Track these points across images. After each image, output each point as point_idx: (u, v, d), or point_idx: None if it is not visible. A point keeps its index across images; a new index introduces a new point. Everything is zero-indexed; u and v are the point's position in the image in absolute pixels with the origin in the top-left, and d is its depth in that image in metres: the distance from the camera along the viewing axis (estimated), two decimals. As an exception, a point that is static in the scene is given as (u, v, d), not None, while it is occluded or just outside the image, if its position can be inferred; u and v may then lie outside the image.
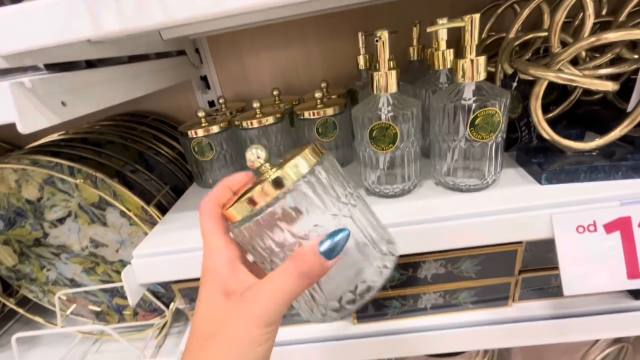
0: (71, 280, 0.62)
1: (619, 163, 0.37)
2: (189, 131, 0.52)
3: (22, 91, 0.30)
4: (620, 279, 0.35)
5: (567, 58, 0.37)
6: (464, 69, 0.36)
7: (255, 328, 0.20)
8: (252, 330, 0.20)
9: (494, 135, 0.37)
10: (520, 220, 0.37)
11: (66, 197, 0.52)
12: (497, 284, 0.44)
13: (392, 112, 0.37)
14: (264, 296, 0.20)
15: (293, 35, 0.69)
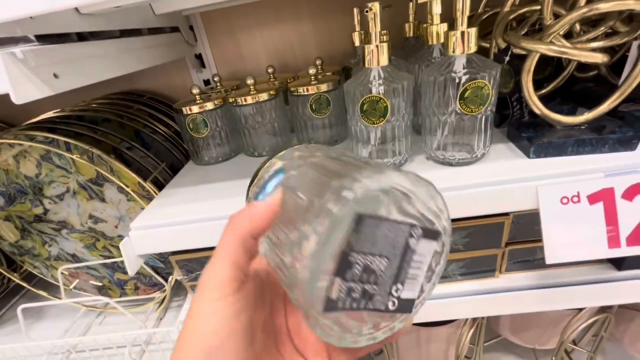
0: (73, 255, 0.63)
1: (606, 136, 0.38)
2: (184, 108, 0.53)
3: (14, 61, 0.30)
4: (601, 248, 0.36)
5: (559, 30, 0.37)
6: (455, 41, 0.36)
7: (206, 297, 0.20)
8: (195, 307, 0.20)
9: (483, 108, 0.37)
10: (507, 192, 0.38)
11: (64, 173, 0.52)
12: (485, 256, 0.46)
13: (382, 85, 0.38)
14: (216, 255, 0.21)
15: (287, 12, 0.68)
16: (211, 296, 0.18)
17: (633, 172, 0.35)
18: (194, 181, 0.53)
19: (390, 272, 0.19)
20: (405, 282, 0.20)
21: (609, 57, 0.36)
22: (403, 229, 0.19)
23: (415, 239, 0.20)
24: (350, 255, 0.18)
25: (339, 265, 0.18)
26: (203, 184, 0.51)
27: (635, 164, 0.36)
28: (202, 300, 0.19)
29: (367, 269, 0.19)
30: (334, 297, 0.18)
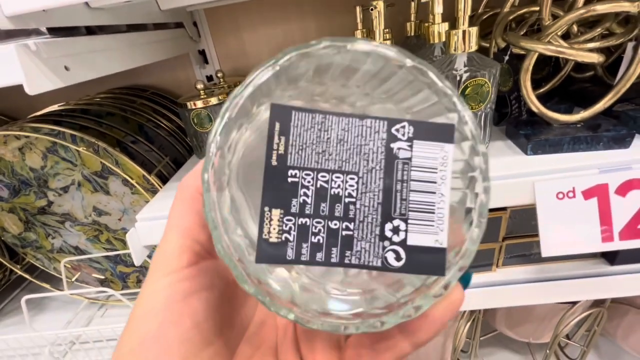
0: (76, 248, 0.64)
1: (601, 134, 0.39)
2: (188, 102, 0.53)
3: (27, 53, 0.31)
4: (594, 242, 0.38)
5: (557, 30, 0.38)
6: (457, 39, 0.37)
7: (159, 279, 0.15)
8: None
9: (483, 105, 0.38)
10: (505, 187, 0.39)
11: (69, 165, 0.53)
12: (483, 250, 0.47)
13: None
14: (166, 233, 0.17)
15: (291, 10, 0.69)
16: (157, 273, 0.14)
17: (626, 169, 0.37)
18: (197, 175, 0.53)
19: (374, 200, 0.12)
20: (409, 216, 0.12)
21: (604, 58, 0.38)
22: (374, 126, 0.12)
23: (404, 141, 0.12)
24: (287, 172, 0.12)
25: (269, 188, 0.12)
26: (207, 177, 0.52)
27: (629, 161, 0.37)
28: (148, 280, 0.15)
29: (325, 195, 0.12)
30: (274, 239, 0.12)
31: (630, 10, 0.35)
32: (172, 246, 0.15)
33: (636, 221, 0.37)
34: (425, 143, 0.12)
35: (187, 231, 0.15)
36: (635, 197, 0.37)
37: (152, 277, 0.14)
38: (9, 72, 0.30)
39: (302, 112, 0.12)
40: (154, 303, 0.14)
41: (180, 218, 0.15)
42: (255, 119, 0.12)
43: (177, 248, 0.15)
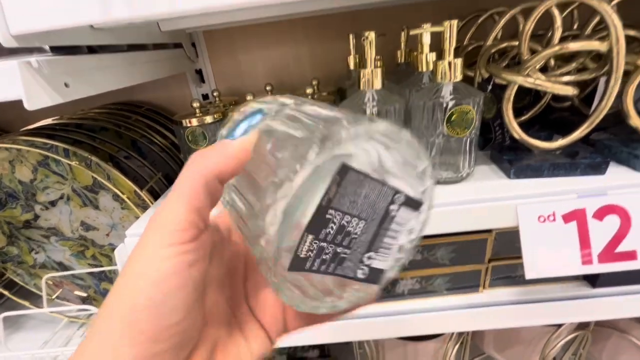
0: (59, 263, 0.62)
1: (578, 161, 0.42)
2: (184, 120, 0.54)
3: (29, 70, 0.31)
4: (575, 265, 0.39)
5: (535, 64, 0.41)
6: (443, 70, 0.40)
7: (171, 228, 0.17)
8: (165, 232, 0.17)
9: (468, 131, 0.40)
10: (490, 210, 0.40)
11: (60, 179, 0.53)
12: (469, 271, 0.48)
13: (376, 106, 0.41)
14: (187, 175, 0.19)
15: (286, 34, 0.72)
16: (164, 241, 0.16)
17: (602, 195, 0.39)
18: (190, 191, 0.54)
19: (366, 237, 0.18)
20: (379, 250, 0.19)
21: (578, 91, 0.40)
22: (387, 192, 0.18)
23: (397, 205, 0.18)
24: (328, 210, 0.16)
25: (314, 220, 0.16)
26: (199, 194, 0.52)
27: (604, 187, 0.39)
28: (153, 244, 0.16)
29: (342, 230, 0.17)
30: (303, 255, 0.17)
31: (600, 49, 0.38)
32: (179, 218, 0.16)
33: (613, 245, 0.39)
34: (406, 209, 0.19)
35: (197, 209, 0.16)
36: (611, 222, 0.39)
37: (159, 241, 0.16)
38: (10, 88, 0.30)
39: (355, 172, 0.16)
40: (163, 268, 0.15)
41: (193, 193, 0.16)
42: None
43: (184, 222, 0.16)
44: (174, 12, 0.29)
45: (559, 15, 0.45)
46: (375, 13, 0.70)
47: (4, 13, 0.29)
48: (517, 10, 0.49)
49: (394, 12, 0.70)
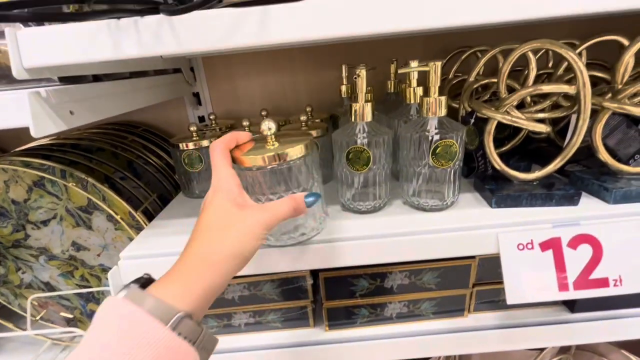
0: (46, 284, 0.62)
1: (553, 192, 0.45)
2: (181, 143, 0.56)
3: (38, 100, 0.33)
4: (552, 291, 0.41)
5: (512, 103, 0.44)
6: (429, 105, 0.43)
7: (260, 228, 0.29)
8: (258, 229, 0.29)
9: (452, 162, 0.43)
10: (473, 237, 0.43)
11: (54, 199, 0.53)
12: (455, 296, 0.49)
13: (366, 138, 0.43)
14: (272, 210, 0.31)
15: (282, 62, 0.75)
16: (227, 196, 0.30)
17: (575, 225, 0.41)
18: (184, 213, 0.55)
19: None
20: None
21: (551, 128, 0.44)
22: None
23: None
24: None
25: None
26: (193, 216, 0.53)
27: (577, 217, 0.42)
28: (216, 196, 0.31)
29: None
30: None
31: (569, 91, 0.42)
32: (233, 181, 0.31)
33: (587, 272, 0.41)
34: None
35: (230, 168, 0.32)
36: (585, 251, 0.41)
37: (221, 197, 0.30)
38: (18, 116, 0.32)
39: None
40: (226, 206, 0.30)
41: (226, 158, 0.33)
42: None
43: (235, 185, 0.31)
44: (181, 51, 0.32)
45: (534, 57, 0.49)
46: (367, 45, 0.75)
47: (18, 48, 0.31)
48: (497, 50, 0.53)
49: (384, 45, 0.75)
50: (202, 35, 0.31)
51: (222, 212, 0.29)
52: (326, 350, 0.49)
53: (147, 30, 0.31)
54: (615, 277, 0.41)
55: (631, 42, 0.42)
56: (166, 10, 0.29)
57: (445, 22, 0.29)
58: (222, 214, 0.29)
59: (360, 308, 0.50)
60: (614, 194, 0.43)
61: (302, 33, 0.30)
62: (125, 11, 0.30)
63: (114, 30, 0.31)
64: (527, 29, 0.71)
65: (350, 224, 0.45)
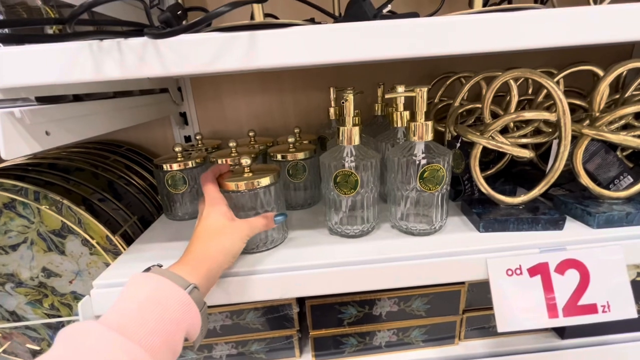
0: (12, 313, 0.57)
1: (539, 217, 0.45)
2: (164, 164, 0.55)
3: (11, 120, 0.31)
4: (542, 318, 0.41)
5: (496, 128, 0.45)
6: (416, 130, 0.43)
7: (244, 234, 0.39)
8: (243, 235, 0.39)
9: (439, 187, 0.43)
10: (462, 263, 0.42)
11: (25, 222, 0.50)
12: (445, 322, 0.48)
13: (354, 161, 0.43)
14: (252, 223, 0.41)
15: (271, 84, 0.76)
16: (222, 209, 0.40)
17: (561, 250, 0.42)
18: (165, 237, 0.52)
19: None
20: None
21: (534, 153, 0.45)
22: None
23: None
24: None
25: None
26: (174, 240, 0.51)
27: (563, 242, 0.42)
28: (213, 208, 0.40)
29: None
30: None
31: (549, 118, 0.43)
32: (223, 202, 0.41)
33: (576, 298, 0.41)
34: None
35: (219, 192, 0.42)
36: (572, 276, 0.41)
37: (215, 210, 0.39)
38: (-13, 138, 0.30)
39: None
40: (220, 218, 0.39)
41: (215, 184, 0.43)
42: None
43: (225, 204, 0.41)
44: (166, 74, 0.31)
45: (515, 85, 0.51)
46: (355, 68, 0.76)
47: (-7, 67, 0.30)
48: (480, 77, 0.55)
49: (372, 68, 0.76)
50: (189, 59, 0.30)
51: (217, 222, 0.39)
52: (313, 384, 0.47)
53: (131, 52, 0.30)
54: (604, 303, 0.41)
55: (606, 73, 0.44)
56: (151, 34, 0.28)
57: (413, 51, 0.30)
58: (217, 224, 0.39)
59: (348, 337, 0.48)
60: (597, 218, 0.44)
61: (289, 58, 0.30)
62: (109, 33, 0.30)
63: (95, 51, 0.30)
64: (509, 56, 0.74)
65: (337, 248, 0.44)
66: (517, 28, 0.30)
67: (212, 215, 0.39)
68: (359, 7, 0.33)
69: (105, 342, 0.24)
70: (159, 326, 0.27)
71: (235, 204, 0.44)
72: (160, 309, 0.28)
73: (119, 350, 0.24)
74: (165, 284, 0.30)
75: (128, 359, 0.24)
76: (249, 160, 0.44)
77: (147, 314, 0.27)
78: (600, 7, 0.32)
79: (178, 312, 0.29)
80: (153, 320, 0.27)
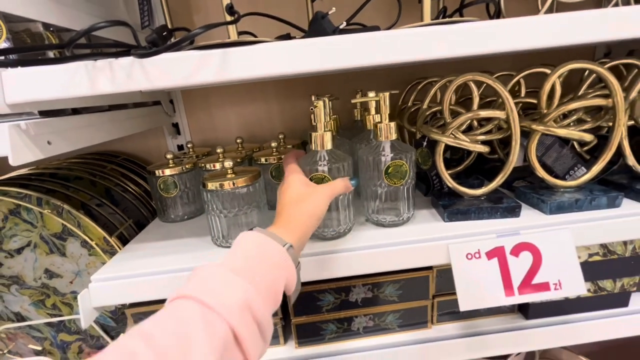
0: (16, 314, 0.61)
1: (497, 205, 0.49)
2: (157, 170, 0.59)
3: (18, 132, 0.36)
4: (499, 297, 0.45)
5: (455, 126, 0.50)
6: (380, 130, 0.48)
7: (325, 197, 0.41)
8: (323, 197, 0.41)
9: (403, 181, 0.48)
10: (427, 249, 0.46)
11: (29, 227, 0.55)
12: (417, 307, 0.52)
13: (326, 165, 0.47)
14: (330, 185, 0.43)
15: (257, 94, 0.81)
16: (301, 175, 0.43)
17: (516, 234, 0.46)
18: (158, 237, 0.57)
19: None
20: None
21: (489, 149, 0.50)
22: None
23: None
24: None
25: None
26: (167, 239, 0.55)
27: (518, 227, 0.47)
28: (293, 173, 0.44)
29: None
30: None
31: (500, 116, 0.48)
32: (300, 172, 0.44)
33: (530, 278, 0.45)
34: None
35: (298, 167, 0.45)
36: (526, 258, 0.45)
37: (294, 180, 0.42)
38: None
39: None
40: (299, 186, 0.41)
41: (294, 162, 0.46)
42: None
43: (302, 173, 0.44)
44: (151, 88, 0.36)
45: (476, 87, 0.56)
46: (335, 77, 0.81)
47: (2, 86, 0.35)
48: (444, 81, 0.60)
49: (352, 76, 0.82)
50: (170, 74, 0.35)
51: (297, 190, 0.41)
52: (296, 368, 0.50)
53: (120, 70, 0.35)
54: (555, 281, 0.45)
55: (550, 73, 0.49)
56: (136, 54, 0.33)
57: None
58: (298, 191, 0.41)
59: (328, 323, 0.52)
60: (550, 205, 0.48)
61: (257, 71, 0.35)
62: (102, 54, 0.35)
63: (90, 70, 0.35)
64: (480, 61, 0.79)
65: (317, 246, 0.48)
66: (437, 40, 0.36)
67: (292, 184, 0.42)
68: (320, 25, 0.38)
69: (225, 280, 0.29)
70: (265, 272, 0.31)
71: (222, 202, 0.48)
72: (265, 259, 0.32)
73: (239, 288, 0.29)
74: (267, 241, 0.34)
75: (243, 294, 0.28)
76: (231, 163, 0.49)
77: (254, 263, 0.32)
78: (538, 17, 0.37)
79: (279, 263, 0.33)
80: (260, 268, 0.32)
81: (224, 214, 0.48)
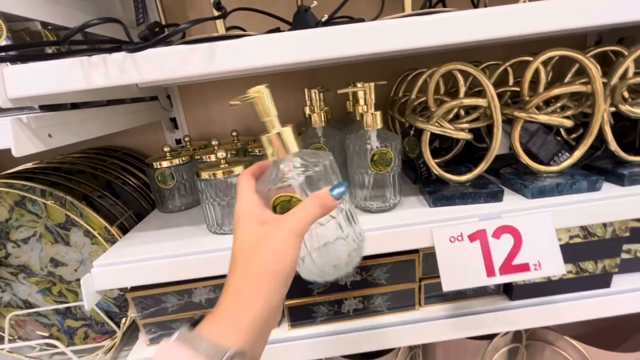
0: (25, 301, 0.64)
1: (480, 191, 0.51)
2: (154, 162, 0.62)
3: (20, 125, 0.38)
4: (481, 277, 0.46)
5: (440, 114, 0.52)
6: (366, 120, 0.49)
7: (289, 235, 0.27)
8: (287, 237, 0.27)
9: (389, 168, 0.49)
10: (413, 233, 0.48)
11: (34, 218, 0.57)
12: (404, 290, 0.54)
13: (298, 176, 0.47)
14: (296, 213, 0.28)
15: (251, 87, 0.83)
16: (253, 202, 0.30)
17: (498, 218, 0.47)
18: (157, 226, 0.59)
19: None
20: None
21: (472, 136, 0.51)
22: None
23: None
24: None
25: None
26: (165, 228, 0.58)
27: (500, 211, 0.48)
28: (243, 196, 0.31)
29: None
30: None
31: (482, 104, 0.49)
32: (252, 202, 0.29)
33: (510, 259, 0.47)
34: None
35: (251, 191, 0.30)
36: (507, 240, 0.47)
37: (243, 220, 0.29)
38: (2, 139, 0.37)
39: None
40: (250, 227, 0.28)
41: (249, 183, 0.31)
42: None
43: (255, 205, 0.29)
44: (142, 81, 0.38)
45: (461, 77, 0.57)
46: (329, 70, 0.83)
47: (4, 81, 0.37)
48: (431, 71, 0.61)
49: (345, 69, 0.83)
50: (160, 67, 0.37)
51: (248, 234, 0.28)
52: (289, 347, 0.53)
53: (113, 64, 0.37)
54: (535, 262, 0.47)
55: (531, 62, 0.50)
56: (127, 49, 0.35)
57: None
58: (248, 236, 0.28)
59: (319, 305, 0.54)
60: (531, 190, 0.50)
61: (241, 63, 0.36)
62: (96, 50, 0.37)
63: (85, 65, 0.37)
64: (469, 51, 0.80)
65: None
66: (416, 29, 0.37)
67: (240, 227, 0.28)
68: (303, 18, 0.40)
69: None
70: None
71: (215, 191, 0.49)
72: None
73: None
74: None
75: None
76: (224, 153, 0.51)
77: None
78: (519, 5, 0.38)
79: None
80: None
81: (217, 202, 0.50)
